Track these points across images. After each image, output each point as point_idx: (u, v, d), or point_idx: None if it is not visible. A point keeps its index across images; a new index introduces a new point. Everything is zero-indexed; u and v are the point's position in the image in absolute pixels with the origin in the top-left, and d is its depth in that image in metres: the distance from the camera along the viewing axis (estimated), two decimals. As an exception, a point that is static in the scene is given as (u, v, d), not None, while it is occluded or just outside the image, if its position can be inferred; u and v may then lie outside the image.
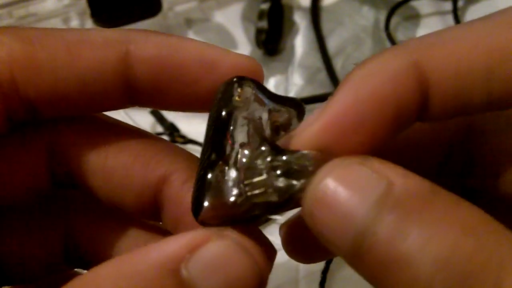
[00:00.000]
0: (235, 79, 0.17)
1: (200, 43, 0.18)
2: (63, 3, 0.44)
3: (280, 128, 0.17)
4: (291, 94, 0.45)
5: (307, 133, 0.15)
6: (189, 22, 0.50)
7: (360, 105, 0.14)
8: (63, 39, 0.17)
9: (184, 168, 0.19)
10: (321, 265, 0.34)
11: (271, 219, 0.36)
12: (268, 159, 0.16)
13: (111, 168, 0.19)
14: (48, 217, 0.21)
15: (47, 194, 0.20)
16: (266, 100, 0.17)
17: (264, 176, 0.16)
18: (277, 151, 0.16)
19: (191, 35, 0.49)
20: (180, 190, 0.19)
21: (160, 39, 0.18)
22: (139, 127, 0.20)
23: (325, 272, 0.33)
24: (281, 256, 0.35)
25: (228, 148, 0.16)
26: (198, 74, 0.18)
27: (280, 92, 0.45)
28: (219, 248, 0.15)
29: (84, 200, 0.21)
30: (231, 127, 0.16)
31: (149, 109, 0.42)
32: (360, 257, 0.13)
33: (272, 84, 0.46)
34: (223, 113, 0.16)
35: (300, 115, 0.18)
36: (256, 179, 0.16)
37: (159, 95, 0.18)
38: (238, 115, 0.16)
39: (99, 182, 0.19)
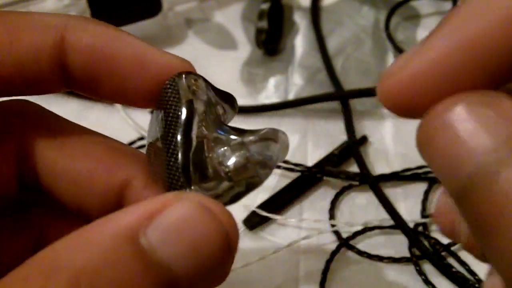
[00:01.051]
0: (185, 73, 0.18)
1: (137, 40, 0.19)
2: (63, 3, 0.44)
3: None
4: (291, 94, 0.45)
5: (400, 75, 0.14)
6: (189, 22, 0.50)
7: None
8: (4, 23, 0.18)
9: (145, 172, 0.20)
10: (321, 265, 0.34)
11: (271, 219, 0.36)
12: (237, 139, 0.17)
13: (76, 172, 0.19)
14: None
15: (14, 198, 0.21)
16: (211, 92, 0.19)
17: (241, 153, 0.17)
18: (239, 132, 0.18)
19: (191, 35, 0.49)
20: (141, 195, 0.19)
21: (97, 29, 0.19)
22: (139, 127, 0.20)
23: (325, 272, 0.33)
24: (281, 256, 0.35)
25: (193, 138, 0.17)
26: (130, 69, 0.18)
27: (280, 92, 0.45)
28: (178, 212, 0.14)
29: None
30: (195, 117, 0.17)
31: (149, 109, 0.42)
32: (472, 194, 0.12)
33: (272, 84, 0.46)
34: (184, 105, 0.17)
35: (234, 108, 0.20)
36: (233, 158, 0.17)
37: (92, 83, 0.19)
38: (197, 105, 0.18)
39: (65, 186, 0.19)
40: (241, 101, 0.43)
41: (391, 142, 0.41)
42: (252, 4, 0.50)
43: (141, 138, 0.40)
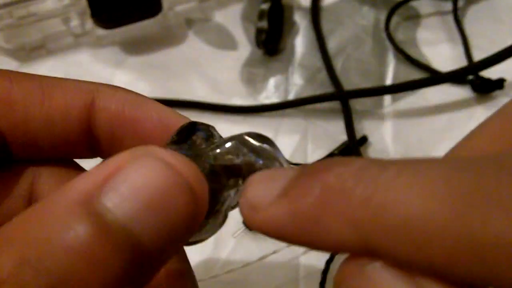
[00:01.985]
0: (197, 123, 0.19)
1: (161, 106, 0.20)
2: (63, 3, 0.44)
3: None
4: (291, 94, 0.45)
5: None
6: (189, 22, 0.50)
7: None
8: (39, 82, 0.19)
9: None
10: (321, 265, 0.34)
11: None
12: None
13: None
14: None
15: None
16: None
17: None
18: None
19: (191, 35, 0.49)
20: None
21: (125, 96, 0.20)
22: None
23: (325, 272, 0.33)
24: (281, 256, 0.35)
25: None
26: (152, 133, 0.20)
27: (280, 92, 0.45)
28: (134, 169, 0.13)
29: None
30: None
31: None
32: None
33: (272, 84, 0.46)
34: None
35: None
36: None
37: (116, 145, 0.20)
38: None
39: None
40: (241, 101, 0.44)
41: (391, 142, 0.41)
42: (252, 4, 0.50)
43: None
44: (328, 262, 0.34)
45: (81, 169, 0.22)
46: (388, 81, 0.45)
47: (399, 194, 0.12)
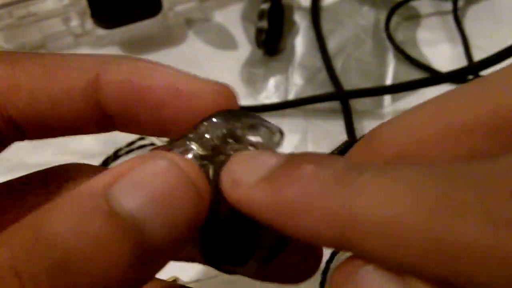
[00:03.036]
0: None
1: (170, 70, 0.19)
2: (63, 3, 0.44)
3: None
4: (291, 94, 0.45)
5: None
6: (189, 22, 0.50)
7: None
8: (42, 62, 0.19)
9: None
10: (321, 265, 0.34)
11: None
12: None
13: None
14: None
15: None
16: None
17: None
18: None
19: (191, 35, 0.49)
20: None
21: (130, 65, 0.19)
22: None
23: (325, 272, 0.33)
24: (281, 256, 0.35)
25: None
26: (164, 100, 0.19)
27: (280, 92, 0.45)
28: (143, 168, 0.14)
29: None
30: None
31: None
32: None
33: (272, 84, 0.46)
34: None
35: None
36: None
37: (128, 119, 0.19)
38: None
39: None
40: (241, 101, 0.43)
41: (391, 142, 0.41)
42: (252, 4, 0.50)
43: (141, 138, 0.40)
44: (328, 262, 0.34)
45: None
46: (388, 81, 0.45)
47: (372, 198, 0.12)
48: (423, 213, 0.12)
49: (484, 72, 0.39)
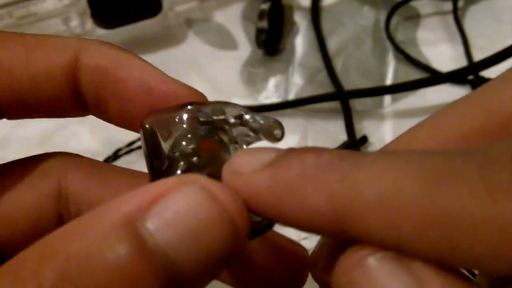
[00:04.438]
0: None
1: (146, 65, 0.19)
2: (63, 3, 0.44)
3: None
4: (291, 94, 0.45)
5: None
6: (189, 22, 0.50)
7: None
8: (23, 42, 0.18)
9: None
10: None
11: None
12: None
13: None
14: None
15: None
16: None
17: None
18: None
19: (191, 35, 0.49)
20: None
21: (109, 52, 0.19)
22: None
23: (325, 272, 0.33)
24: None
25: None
26: (134, 94, 0.19)
27: (280, 92, 0.45)
28: (179, 197, 0.14)
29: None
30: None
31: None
32: None
33: (272, 84, 0.46)
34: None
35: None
36: None
37: (101, 105, 0.19)
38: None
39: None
40: (241, 101, 0.43)
41: (391, 142, 0.41)
42: (252, 4, 0.50)
43: (141, 138, 0.40)
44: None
45: (106, 165, 0.22)
46: (388, 81, 0.45)
47: (373, 172, 0.13)
48: (424, 184, 0.12)
49: (484, 72, 0.39)
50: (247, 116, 0.18)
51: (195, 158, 0.17)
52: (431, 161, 0.12)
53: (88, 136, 0.40)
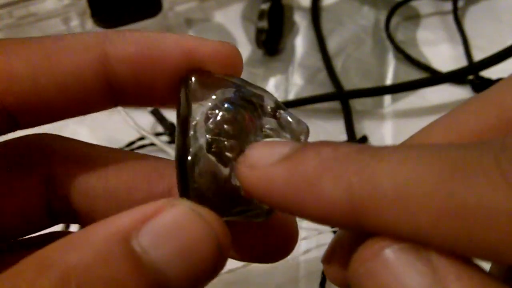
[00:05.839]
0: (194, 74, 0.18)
1: (176, 35, 0.19)
2: (63, 3, 0.44)
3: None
4: (291, 94, 0.45)
5: None
6: (189, 22, 0.50)
7: None
8: (41, 47, 0.18)
9: None
10: (321, 265, 0.34)
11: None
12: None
13: (113, 189, 0.20)
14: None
15: (41, 226, 0.21)
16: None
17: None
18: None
19: (191, 35, 0.49)
20: None
21: (136, 37, 0.19)
22: (139, 127, 0.20)
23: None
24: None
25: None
26: (178, 63, 0.18)
27: (280, 92, 0.45)
28: (170, 216, 0.15)
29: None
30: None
31: (149, 109, 0.42)
32: None
33: (272, 84, 0.46)
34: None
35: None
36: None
37: (144, 91, 0.19)
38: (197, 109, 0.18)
39: (102, 205, 0.20)
40: (241, 101, 0.43)
41: (391, 142, 0.41)
42: (252, 4, 0.50)
43: (141, 138, 0.40)
44: (328, 262, 0.34)
45: (93, 145, 0.21)
46: (388, 81, 0.45)
47: (391, 164, 0.13)
48: (441, 176, 0.12)
49: (484, 72, 0.39)
50: (282, 112, 0.18)
51: (226, 126, 0.17)
52: (448, 153, 0.12)
53: (88, 136, 0.40)
